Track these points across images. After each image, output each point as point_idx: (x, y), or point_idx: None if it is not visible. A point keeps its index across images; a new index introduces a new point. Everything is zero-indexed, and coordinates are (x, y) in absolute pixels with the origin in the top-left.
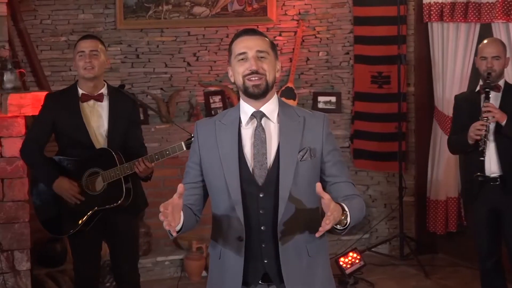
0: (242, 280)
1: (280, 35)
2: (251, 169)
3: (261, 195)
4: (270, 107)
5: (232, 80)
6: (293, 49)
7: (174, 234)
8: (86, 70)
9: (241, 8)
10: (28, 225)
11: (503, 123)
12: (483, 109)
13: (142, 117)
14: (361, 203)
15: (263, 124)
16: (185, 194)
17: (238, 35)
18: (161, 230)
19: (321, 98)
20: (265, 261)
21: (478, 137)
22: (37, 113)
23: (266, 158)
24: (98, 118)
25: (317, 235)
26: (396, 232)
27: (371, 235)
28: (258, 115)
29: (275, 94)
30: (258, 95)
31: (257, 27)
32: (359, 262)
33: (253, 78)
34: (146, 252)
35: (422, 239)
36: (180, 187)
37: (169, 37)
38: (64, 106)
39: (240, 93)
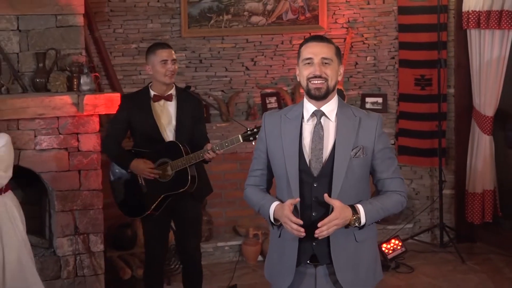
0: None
1: None
2: (308, 161)
3: (315, 185)
4: (330, 107)
5: (298, 80)
6: (343, 54)
7: (303, 234)
8: (167, 76)
9: (295, 17)
10: (101, 212)
11: None
12: None
13: (206, 115)
14: (394, 200)
15: (322, 122)
16: (256, 180)
17: (307, 40)
18: (221, 219)
19: (368, 99)
20: (314, 244)
21: None
22: (109, 112)
23: (322, 153)
24: (167, 116)
25: (315, 235)
26: (437, 222)
27: (414, 225)
28: (318, 114)
29: (336, 95)
30: (319, 97)
31: (309, 35)
32: (400, 248)
33: (316, 82)
34: (208, 238)
35: (460, 229)
36: (296, 201)
37: (229, 44)
38: (137, 106)
39: (304, 93)
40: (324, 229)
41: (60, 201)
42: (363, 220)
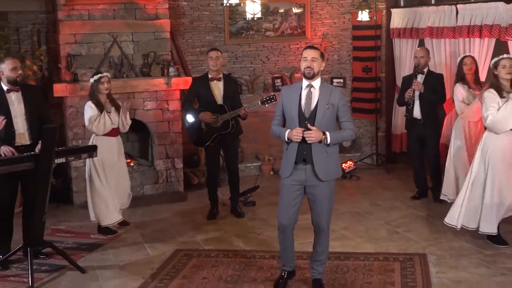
0: (294, 161)
1: None
2: (303, 110)
3: (306, 122)
4: (316, 82)
5: (300, 68)
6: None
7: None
8: (213, 66)
9: (292, 32)
10: (181, 145)
11: (422, 91)
12: (413, 84)
13: (240, 90)
14: (347, 133)
15: (311, 90)
16: (278, 121)
17: (305, 48)
18: (248, 150)
19: (335, 80)
20: (304, 153)
21: (408, 97)
22: (185, 88)
23: (311, 106)
24: (218, 89)
25: (308, 141)
26: (375, 151)
27: (361, 153)
28: (309, 86)
29: (320, 77)
30: (309, 77)
31: (300, 42)
32: (353, 166)
33: (308, 70)
34: (241, 161)
35: (388, 155)
36: (300, 129)
37: (253, 48)
38: (201, 83)
39: (302, 75)
40: (307, 135)
41: (158, 139)
42: (329, 139)
